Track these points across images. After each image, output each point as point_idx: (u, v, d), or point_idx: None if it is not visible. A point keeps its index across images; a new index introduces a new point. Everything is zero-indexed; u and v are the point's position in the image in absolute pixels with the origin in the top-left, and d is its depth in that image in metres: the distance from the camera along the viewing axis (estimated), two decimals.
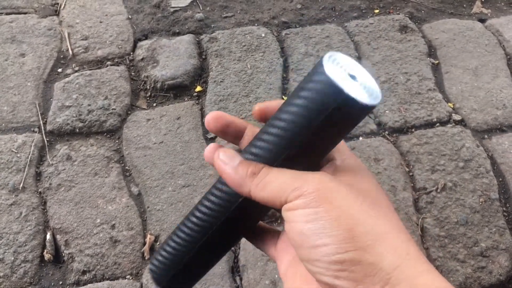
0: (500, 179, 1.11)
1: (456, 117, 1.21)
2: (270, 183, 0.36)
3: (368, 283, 0.32)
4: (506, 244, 1.00)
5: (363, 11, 1.45)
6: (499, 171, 1.12)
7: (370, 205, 0.35)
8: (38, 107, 1.20)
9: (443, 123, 1.20)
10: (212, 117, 0.44)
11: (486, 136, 1.19)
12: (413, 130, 1.19)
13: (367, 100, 0.33)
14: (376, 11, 1.45)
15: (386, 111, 1.22)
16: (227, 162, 0.38)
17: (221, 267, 0.94)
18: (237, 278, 0.94)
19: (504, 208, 1.06)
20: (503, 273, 0.97)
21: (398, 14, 1.44)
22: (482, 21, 1.44)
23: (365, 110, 0.34)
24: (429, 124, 1.20)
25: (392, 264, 0.32)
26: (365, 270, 0.32)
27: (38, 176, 1.09)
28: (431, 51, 1.37)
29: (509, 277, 0.97)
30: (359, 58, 1.32)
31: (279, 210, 0.36)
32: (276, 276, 0.93)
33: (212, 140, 1.15)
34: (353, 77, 0.34)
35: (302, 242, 0.34)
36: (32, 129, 1.16)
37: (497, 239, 1.01)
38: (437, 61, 1.34)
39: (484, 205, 1.05)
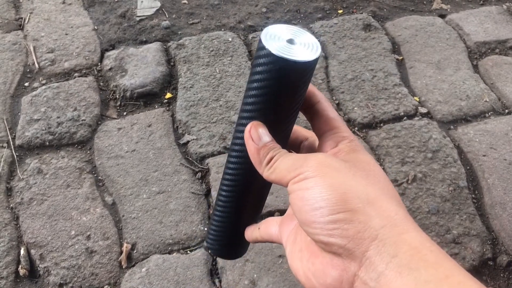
0: (468, 167, 1.14)
1: (422, 110, 1.24)
2: (278, 168, 0.42)
3: (359, 239, 0.37)
4: (477, 230, 1.03)
5: (327, 12, 1.48)
6: (466, 160, 1.15)
7: (363, 176, 0.41)
8: (6, 122, 1.18)
9: (410, 116, 1.23)
10: None
11: (452, 126, 1.22)
12: (381, 125, 1.21)
13: (310, 57, 0.40)
14: (340, 11, 1.48)
15: (355, 108, 1.24)
16: (254, 139, 0.44)
17: (199, 270, 0.94)
18: (216, 281, 0.94)
19: (473, 195, 1.09)
20: (476, 258, 1.00)
21: (361, 13, 1.47)
22: (442, 16, 1.48)
23: (313, 64, 0.40)
24: (397, 118, 1.22)
25: (380, 223, 0.37)
26: (356, 227, 0.37)
27: (9, 191, 1.07)
28: (395, 48, 1.40)
29: (482, 261, 1.00)
30: (325, 58, 1.34)
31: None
32: (255, 275, 0.93)
33: (184, 145, 1.15)
34: (291, 41, 0.41)
35: (302, 206, 0.39)
36: (0, 144, 1.14)
37: (468, 225, 1.03)
38: (401, 57, 1.38)
39: (454, 194, 1.08)
